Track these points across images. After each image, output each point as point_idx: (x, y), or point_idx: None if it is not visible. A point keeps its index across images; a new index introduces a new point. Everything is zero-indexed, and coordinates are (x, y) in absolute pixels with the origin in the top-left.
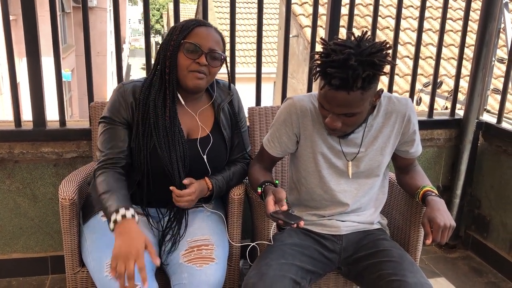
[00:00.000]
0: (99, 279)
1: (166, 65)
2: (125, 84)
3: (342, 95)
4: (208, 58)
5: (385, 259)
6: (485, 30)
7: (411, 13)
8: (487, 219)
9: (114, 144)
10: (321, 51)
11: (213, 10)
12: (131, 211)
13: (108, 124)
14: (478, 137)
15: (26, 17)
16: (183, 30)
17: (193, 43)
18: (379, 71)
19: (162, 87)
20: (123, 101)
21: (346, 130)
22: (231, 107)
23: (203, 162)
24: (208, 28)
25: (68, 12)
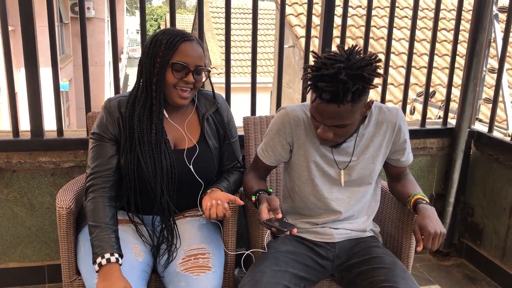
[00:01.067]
0: (90, 286)
1: (153, 82)
2: (111, 100)
3: (333, 108)
4: (194, 75)
5: (377, 266)
6: (475, 41)
7: (405, 23)
8: (480, 226)
9: (101, 161)
10: (312, 65)
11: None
12: (115, 255)
13: (97, 140)
14: (470, 146)
15: (24, 28)
16: (169, 47)
17: (181, 63)
18: (369, 84)
19: (147, 102)
20: (110, 117)
21: (338, 140)
22: (217, 117)
23: (191, 172)
24: (193, 43)
25: (66, 22)
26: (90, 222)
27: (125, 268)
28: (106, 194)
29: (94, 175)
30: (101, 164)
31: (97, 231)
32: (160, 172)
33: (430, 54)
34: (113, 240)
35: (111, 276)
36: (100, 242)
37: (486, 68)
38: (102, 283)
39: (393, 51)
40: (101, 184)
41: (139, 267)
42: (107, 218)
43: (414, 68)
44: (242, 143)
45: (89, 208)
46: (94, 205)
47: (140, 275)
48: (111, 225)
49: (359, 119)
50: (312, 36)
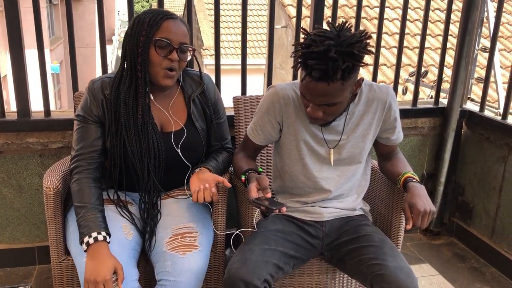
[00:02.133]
0: (79, 264)
1: (138, 62)
2: (94, 82)
3: (323, 86)
4: (179, 53)
5: (366, 244)
6: (467, 19)
7: (399, 3)
8: (470, 206)
9: (86, 143)
10: (301, 42)
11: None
12: (103, 233)
13: (81, 122)
14: (462, 125)
15: (8, 9)
16: (152, 25)
17: (164, 40)
18: (359, 62)
19: (132, 84)
20: (93, 99)
21: (327, 119)
22: (203, 97)
23: (179, 156)
24: (176, 21)
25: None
26: (76, 203)
27: (115, 247)
28: (90, 176)
29: (78, 157)
30: (85, 146)
31: (83, 211)
32: (147, 155)
33: (422, 33)
34: (100, 219)
35: (99, 255)
36: (87, 222)
37: (478, 47)
38: (91, 262)
39: (386, 31)
40: (86, 166)
41: (129, 246)
42: (92, 199)
43: (407, 48)
44: (232, 123)
45: (74, 190)
46: (79, 186)
47: (130, 253)
48: (97, 205)
49: (349, 98)
50: (304, 16)
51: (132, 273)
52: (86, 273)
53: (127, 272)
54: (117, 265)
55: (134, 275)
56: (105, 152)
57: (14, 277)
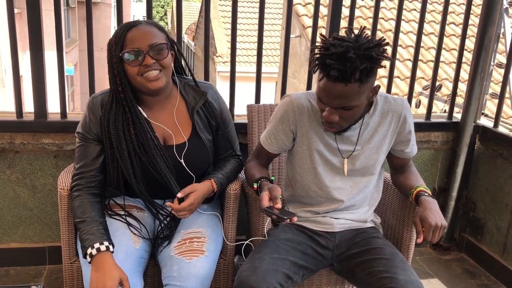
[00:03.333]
0: (85, 271)
1: (118, 83)
2: (94, 98)
3: (340, 87)
4: (151, 54)
5: (377, 257)
6: (484, 34)
7: (414, 16)
8: (482, 222)
9: (86, 162)
10: (320, 45)
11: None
12: (105, 243)
13: (81, 140)
14: (475, 140)
15: (30, 11)
16: (116, 43)
17: (131, 51)
18: (377, 65)
19: (119, 106)
20: (93, 117)
21: (343, 124)
22: (207, 108)
23: (183, 167)
24: (138, 27)
25: (73, 6)
26: (77, 219)
27: (121, 256)
28: (90, 192)
29: (79, 175)
30: (85, 165)
31: (84, 225)
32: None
33: (437, 47)
34: (101, 230)
35: (104, 266)
36: (88, 235)
37: (494, 63)
38: (96, 274)
39: (400, 44)
40: (85, 184)
41: (135, 254)
42: (93, 212)
43: (421, 61)
44: (245, 131)
45: (75, 206)
46: (79, 202)
47: (136, 262)
48: (98, 218)
49: (365, 103)
50: (319, 26)
51: (135, 283)
52: (92, 284)
53: (132, 282)
54: (122, 276)
55: (138, 285)
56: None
57: (25, 276)
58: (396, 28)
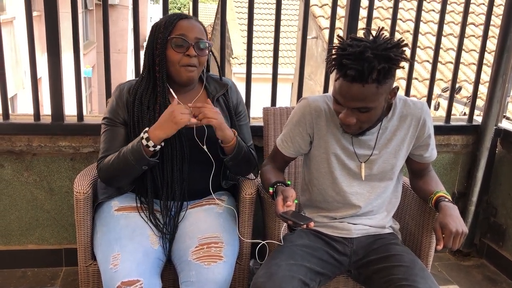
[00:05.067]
0: (104, 271)
1: (156, 63)
2: (121, 85)
3: (357, 88)
4: (195, 48)
5: (396, 264)
6: (506, 35)
7: (432, 17)
8: (503, 227)
9: (111, 144)
10: (337, 45)
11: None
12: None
13: (108, 125)
14: (496, 144)
15: (48, 14)
16: (166, 26)
17: (180, 37)
18: (395, 65)
19: (150, 84)
20: (120, 101)
21: (361, 126)
22: (227, 99)
23: (203, 152)
24: (190, 20)
25: (91, 9)
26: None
27: (140, 255)
28: None
29: (103, 158)
30: (111, 148)
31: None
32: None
33: (457, 49)
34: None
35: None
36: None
37: None
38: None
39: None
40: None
41: (153, 255)
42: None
43: (439, 63)
44: (261, 134)
45: (106, 162)
46: (105, 159)
47: (154, 262)
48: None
49: (383, 106)
50: (336, 27)
51: (155, 283)
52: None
53: (150, 282)
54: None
55: (157, 285)
56: None
57: (41, 277)
58: (415, 29)
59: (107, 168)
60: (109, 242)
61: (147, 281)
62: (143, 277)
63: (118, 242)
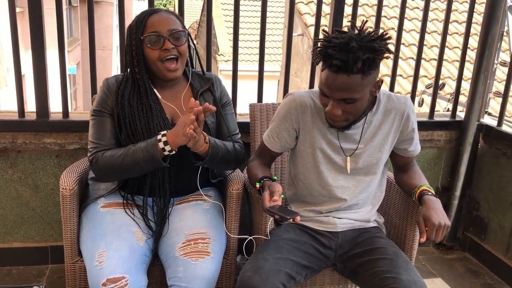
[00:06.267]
0: (89, 268)
1: (135, 65)
2: (108, 78)
3: (342, 78)
4: (171, 40)
5: (380, 257)
6: (487, 33)
7: (417, 14)
8: (485, 221)
9: (102, 135)
10: (322, 38)
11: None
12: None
13: (97, 116)
14: (479, 139)
15: (32, 10)
16: (138, 26)
17: (152, 34)
18: (379, 56)
19: (134, 86)
20: (108, 92)
21: (347, 118)
22: (212, 93)
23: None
24: (160, 13)
25: (75, 5)
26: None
27: (126, 253)
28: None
29: (96, 148)
30: (101, 138)
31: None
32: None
33: (440, 46)
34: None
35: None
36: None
37: (498, 61)
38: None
39: (403, 42)
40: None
41: (139, 252)
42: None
43: (423, 60)
44: (247, 130)
45: (106, 157)
46: (107, 154)
47: (140, 259)
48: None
49: (368, 98)
50: (322, 24)
51: (140, 280)
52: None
53: (136, 279)
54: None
55: (142, 281)
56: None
57: (27, 275)
58: (399, 26)
59: (108, 162)
60: (94, 239)
61: (133, 278)
62: (129, 273)
63: (103, 239)
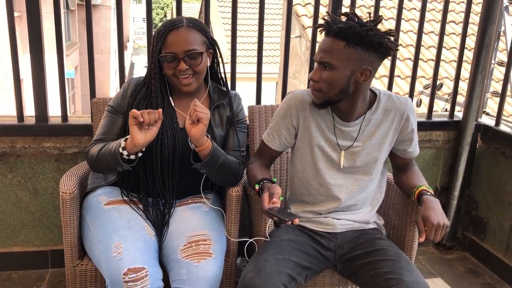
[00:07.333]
0: (107, 260)
1: (152, 76)
2: (131, 79)
3: (327, 40)
4: (186, 61)
5: (382, 258)
6: (484, 33)
7: (414, 15)
8: (484, 220)
9: (108, 130)
10: None
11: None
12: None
13: (109, 112)
14: (477, 139)
15: (30, 14)
16: (157, 42)
17: (168, 55)
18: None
19: (148, 94)
20: (125, 93)
21: (321, 88)
22: (228, 107)
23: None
24: (179, 30)
25: (73, 9)
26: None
27: (142, 244)
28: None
29: (95, 140)
30: (107, 132)
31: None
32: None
33: (438, 46)
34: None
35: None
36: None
37: (495, 61)
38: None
39: (400, 43)
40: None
41: (152, 245)
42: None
43: (421, 60)
44: (246, 132)
45: (93, 150)
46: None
47: (154, 252)
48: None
49: (348, 76)
50: None
51: (158, 272)
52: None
53: (154, 271)
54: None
55: (159, 274)
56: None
57: (28, 279)
58: (396, 27)
59: (91, 158)
60: (107, 233)
61: (151, 269)
62: (148, 265)
63: (116, 233)
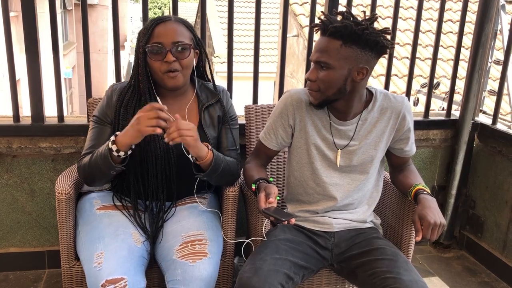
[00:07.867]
0: (88, 270)
1: (139, 73)
2: (114, 85)
3: (323, 40)
4: (174, 52)
5: (379, 257)
6: (481, 32)
7: (411, 14)
8: (482, 219)
9: (98, 141)
10: None
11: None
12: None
13: (95, 123)
14: (474, 138)
15: (25, 14)
16: (144, 35)
17: (155, 45)
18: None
19: (135, 94)
20: (110, 101)
21: (318, 88)
22: (217, 107)
23: (188, 159)
24: (167, 23)
25: (70, 9)
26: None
27: (125, 253)
28: None
29: (85, 154)
30: (96, 145)
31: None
32: (152, 158)
33: (434, 45)
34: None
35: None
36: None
37: (492, 60)
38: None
39: (397, 42)
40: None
41: (137, 253)
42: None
43: (418, 59)
44: (243, 132)
45: (82, 165)
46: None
47: (138, 260)
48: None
49: (345, 75)
50: None
51: (139, 281)
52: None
53: (134, 280)
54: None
55: (141, 283)
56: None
57: (24, 280)
58: (393, 26)
59: (83, 168)
60: (92, 241)
61: (132, 279)
62: (128, 275)
63: (101, 241)
